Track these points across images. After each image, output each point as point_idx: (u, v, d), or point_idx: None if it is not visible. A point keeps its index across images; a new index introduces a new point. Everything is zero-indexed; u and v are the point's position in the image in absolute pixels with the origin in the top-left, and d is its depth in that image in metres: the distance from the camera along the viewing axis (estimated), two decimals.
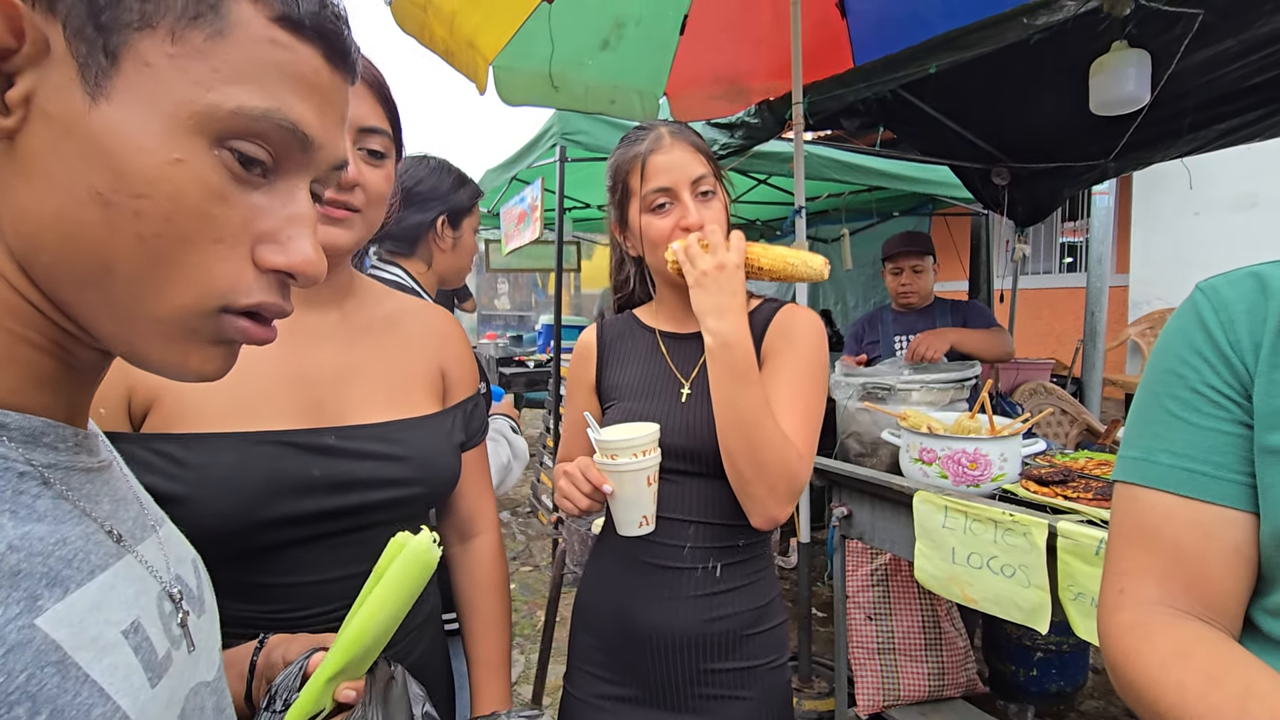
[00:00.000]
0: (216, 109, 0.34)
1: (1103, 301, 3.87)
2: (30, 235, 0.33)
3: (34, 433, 0.35)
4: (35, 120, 0.32)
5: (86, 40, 0.32)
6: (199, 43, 0.34)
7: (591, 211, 5.02)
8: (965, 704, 2.21)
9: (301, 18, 0.37)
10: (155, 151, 0.33)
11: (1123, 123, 2.33)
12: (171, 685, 0.39)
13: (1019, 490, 1.53)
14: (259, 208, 0.37)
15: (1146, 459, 0.62)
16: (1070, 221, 5.97)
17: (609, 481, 0.93)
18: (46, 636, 0.31)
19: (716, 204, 1.06)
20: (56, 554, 0.33)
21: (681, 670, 1.02)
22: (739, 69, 2.72)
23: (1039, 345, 5.49)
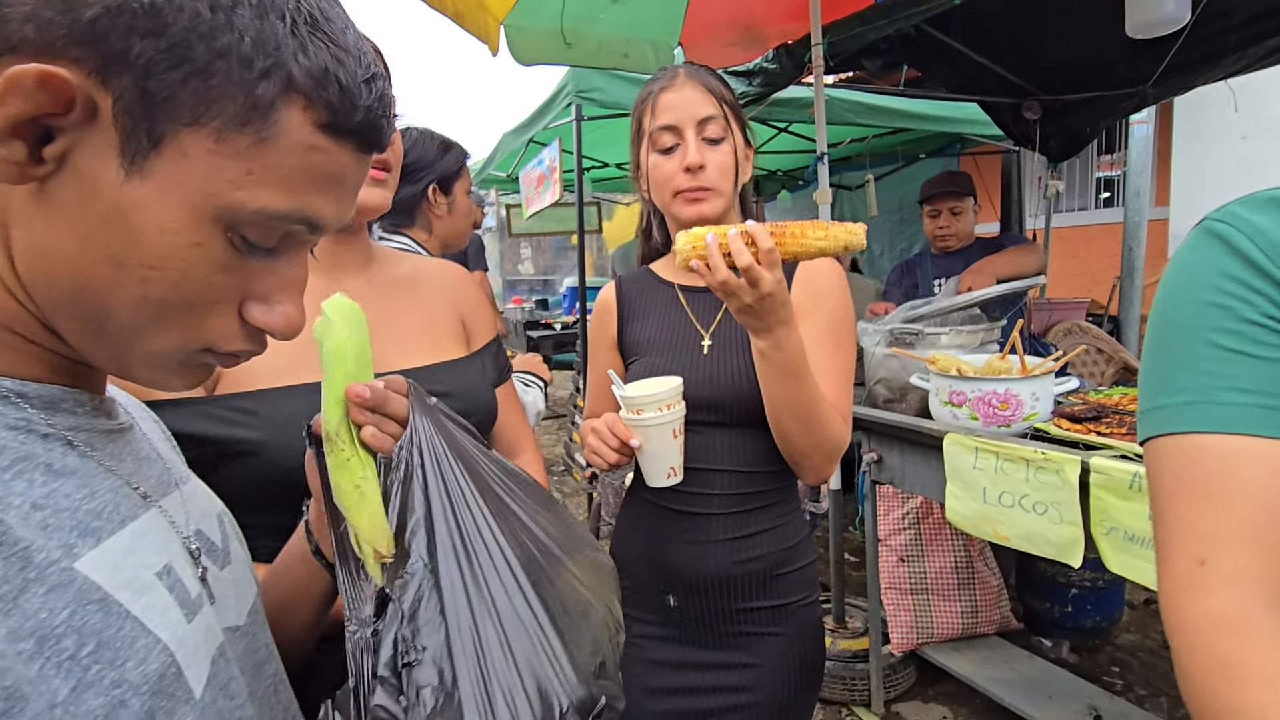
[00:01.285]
0: (241, 207, 0.37)
1: (1141, 236, 3.73)
2: (45, 272, 0.36)
3: (53, 400, 0.38)
4: (68, 174, 0.34)
5: (133, 119, 0.34)
6: (241, 146, 0.36)
7: (610, 171, 4.97)
8: (999, 639, 2.25)
9: (345, 125, 0.39)
10: (175, 234, 0.35)
11: (1162, 45, 2.21)
12: (207, 623, 0.42)
13: (1050, 428, 1.52)
14: (256, 272, 0.40)
15: (1204, 400, 0.53)
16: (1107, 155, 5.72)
17: (636, 436, 0.96)
18: (86, 578, 0.34)
19: (725, 148, 1.04)
20: (85, 507, 0.36)
21: (714, 609, 1.06)
22: (754, 13, 2.64)
23: (1075, 284, 5.33)
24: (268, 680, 0.48)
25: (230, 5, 0.34)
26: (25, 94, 0.32)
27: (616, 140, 4.06)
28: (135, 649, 0.35)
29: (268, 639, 0.51)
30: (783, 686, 1.07)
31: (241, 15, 0.34)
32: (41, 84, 0.32)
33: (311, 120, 0.38)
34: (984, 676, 2.05)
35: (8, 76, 0.31)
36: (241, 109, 0.35)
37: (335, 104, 0.38)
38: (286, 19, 0.36)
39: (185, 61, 0.34)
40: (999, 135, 3.49)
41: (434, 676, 0.39)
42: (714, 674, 1.06)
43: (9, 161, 0.33)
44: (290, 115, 0.37)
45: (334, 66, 0.38)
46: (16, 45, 0.32)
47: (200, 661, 0.40)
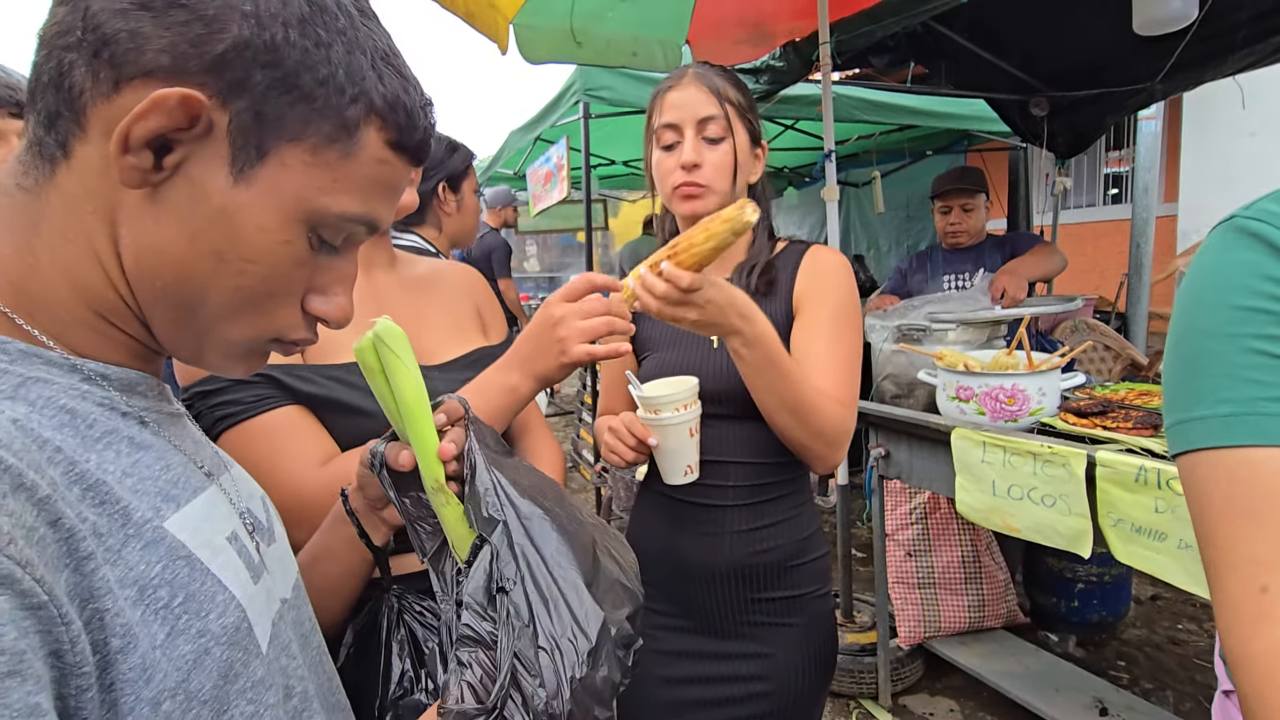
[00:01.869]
0: (326, 210, 0.43)
1: (1149, 233, 3.72)
2: (151, 266, 0.40)
3: (130, 382, 0.43)
4: (180, 180, 0.39)
5: (245, 135, 0.40)
6: (331, 158, 0.42)
7: (617, 168, 4.99)
8: (1006, 633, 2.27)
9: (408, 143, 0.46)
10: (271, 233, 0.41)
11: (1170, 42, 2.22)
12: (267, 587, 0.46)
13: (1057, 423, 1.54)
14: (321, 267, 0.45)
15: (1251, 412, 0.48)
16: (1114, 151, 5.71)
17: (653, 435, 0.97)
18: (174, 537, 0.39)
19: (724, 148, 1.05)
20: (164, 477, 0.41)
21: (729, 600, 1.08)
22: (762, 10, 2.65)
23: (1082, 281, 5.33)
24: (313, 651, 0.51)
25: (329, 43, 0.41)
26: (166, 112, 0.37)
27: (623, 138, 4.08)
28: (215, 602, 0.39)
29: (310, 613, 0.54)
30: (796, 677, 1.08)
31: (337, 51, 0.41)
32: (181, 104, 0.37)
33: (383, 138, 0.44)
34: (991, 670, 2.07)
35: (155, 98, 0.36)
36: (334, 128, 0.42)
37: (402, 125, 0.45)
38: (368, 54, 0.43)
39: (294, 89, 0.40)
40: (1006, 132, 3.49)
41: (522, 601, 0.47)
42: (728, 664, 1.08)
43: (136, 169, 0.38)
44: (369, 134, 0.44)
45: (403, 95, 0.45)
46: (151, 70, 0.37)
47: (264, 620, 0.44)
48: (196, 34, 0.38)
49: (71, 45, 0.37)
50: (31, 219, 0.39)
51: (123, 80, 0.37)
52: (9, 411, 0.34)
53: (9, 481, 0.31)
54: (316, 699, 0.48)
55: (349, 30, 0.42)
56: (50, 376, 0.38)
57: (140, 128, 0.37)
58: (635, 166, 5.07)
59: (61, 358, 0.39)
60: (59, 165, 0.39)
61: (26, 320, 0.39)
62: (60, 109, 0.38)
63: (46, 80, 0.38)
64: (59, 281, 0.40)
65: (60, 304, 0.40)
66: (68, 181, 0.39)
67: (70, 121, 0.38)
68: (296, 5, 0.40)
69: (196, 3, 0.38)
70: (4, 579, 0.28)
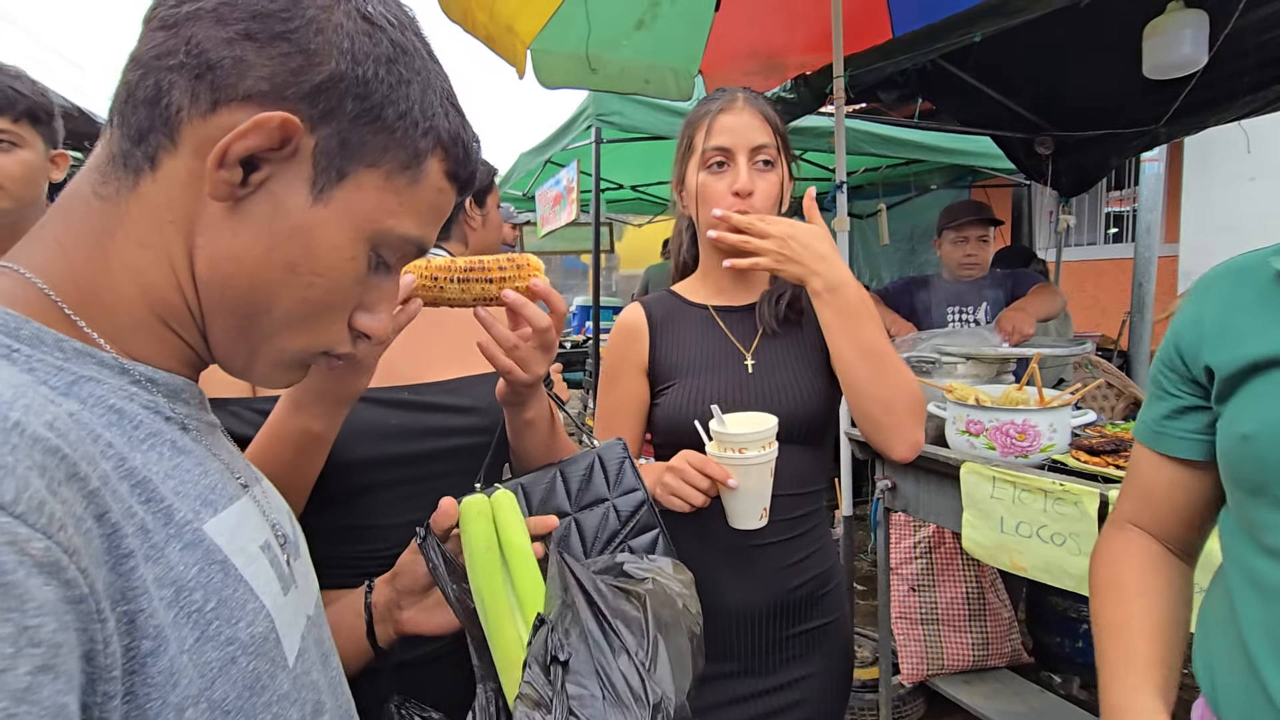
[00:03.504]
0: (391, 231, 0.46)
1: (1151, 272, 3.75)
2: (225, 274, 0.42)
3: (175, 389, 0.44)
4: (262, 195, 0.42)
5: (329, 158, 0.43)
6: (400, 184, 0.46)
7: (624, 193, 5.03)
8: (1010, 673, 2.23)
9: (462, 174, 0.50)
10: (342, 250, 0.44)
11: (1175, 86, 2.25)
12: (295, 602, 0.46)
13: (1069, 460, 1.53)
14: (372, 285, 0.48)
15: (1146, 423, 0.79)
16: (1116, 191, 5.78)
17: (734, 475, 0.90)
18: (211, 540, 0.39)
19: (773, 177, 1.05)
20: (203, 481, 0.41)
21: (767, 639, 1.05)
22: (775, 44, 2.70)
23: (1083, 319, 5.35)
24: (333, 672, 0.50)
25: (408, 80, 0.45)
26: (265, 133, 0.40)
27: (631, 163, 4.12)
28: (246, 611, 0.39)
29: (329, 634, 0.53)
30: (826, 700, 1.08)
31: (415, 89, 0.45)
32: (280, 127, 0.40)
33: (443, 169, 0.48)
34: (995, 710, 2.03)
35: (258, 120, 0.39)
36: (406, 157, 0.46)
37: (460, 159, 0.49)
38: (437, 93, 0.47)
39: (378, 120, 0.44)
40: (1010, 169, 3.54)
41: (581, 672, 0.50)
42: (765, 700, 1.06)
43: (227, 183, 0.40)
44: (433, 164, 0.48)
45: (462, 131, 0.49)
46: (251, 95, 0.40)
47: (292, 634, 0.43)
48: (297, 65, 0.41)
49: (173, 67, 0.40)
50: (107, 226, 0.41)
51: (221, 102, 0.40)
52: (65, 406, 0.34)
53: (64, 470, 0.30)
54: None
55: (423, 71, 0.46)
56: (101, 376, 0.39)
57: (239, 145, 0.39)
58: (642, 192, 5.12)
59: (113, 359, 0.40)
60: (144, 176, 0.41)
61: (86, 322, 0.40)
62: (153, 124, 0.40)
63: (141, 98, 0.40)
64: (128, 286, 0.41)
65: (124, 308, 0.41)
66: (151, 192, 0.41)
67: (162, 136, 0.40)
68: (385, 46, 0.44)
69: (300, 37, 0.41)
70: (51, 566, 0.28)
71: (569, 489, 0.81)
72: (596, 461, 0.83)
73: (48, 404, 0.32)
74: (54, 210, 0.42)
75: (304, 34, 0.41)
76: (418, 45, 0.46)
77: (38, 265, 0.40)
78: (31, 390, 0.32)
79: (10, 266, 0.40)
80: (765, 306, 1.09)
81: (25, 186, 1.21)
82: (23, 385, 0.32)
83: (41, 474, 0.29)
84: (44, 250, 0.40)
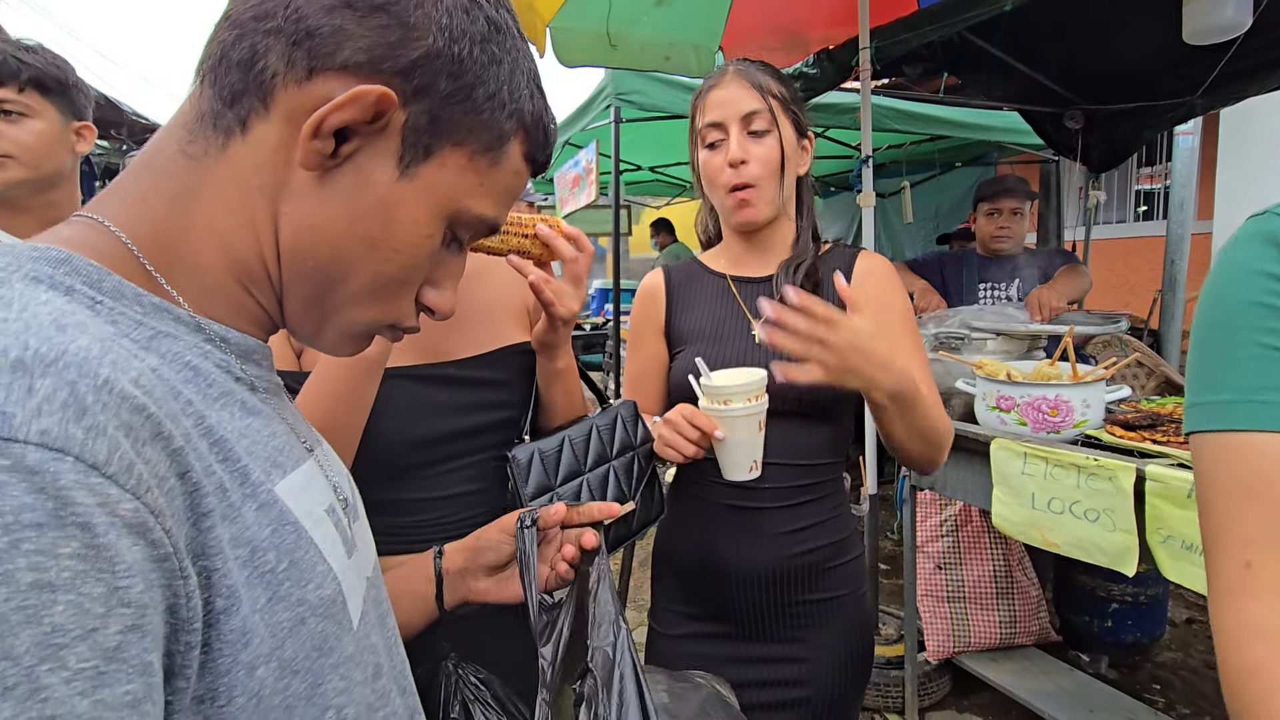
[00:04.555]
0: (468, 211, 0.46)
1: (1184, 249, 3.66)
2: (310, 243, 0.42)
3: (248, 349, 0.43)
4: (350, 167, 0.42)
5: (417, 135, 0.42)
6: (482, 165, 0.46)
7: (643, 174, 5.00)
8: (1038, 651, 2.22)
9: (540, 158, 0.50)
10: (421, 225, 0.44)
11: (1213, 54, 2.18)
12: (358, 563, 0.46)
13: (1103, 435, 1.51)
14: (441, 261, 0.48)
15: (1249, 400, 0.52)
16: (1146, 167, 5.63)
17: (720, 427, 0.93)
18: (283, 502, 0.39)
19: (769, 141, 1.03)
20: (272, 443, 0.41)
21: (768, 604, 1.06)
22: (797, 18, 2.65)
23: (1111, 298, 5.25)
24: (390, 632, 0.50)
25: (500, 60, 0.44)
26: (362, 107, 0.39)
27: (650, 144, 4.09)
28: (316, 573, 0.39)
29: (386, 595, 0.53)
30: (834, 680, 1.07)
31: (504, 69, 0.45)
32: (377, 102, 0.39)
33: (523, 151, 0.48)
34: (1023, 688, 2.02)
35: (356, 92, 0.39)
36: (491, 138, 0.45)
37: (539, 142, 0.49)
38: (525, 74, 0.47)
39: (468, 100, 0.43)
40: (1038, 144, 3.46)
41: None
42: (767, 668, 1.07)
43: (319, 153, 0.40)
44: (514, 146, 0.47)
45: (545, 115, 0.49)
46: (347, 66, 0.40)
47: (356, 596, 0.44)
48: (396, 38, 0.40)
49: (270, 31, 0.39)
50: (191, 186, 0.41)
51: (317, 71, 0.40)
52: (148, 361, 0.34)
53: (149, 429, 0.31)
54: (393, 683, 0.47)
55: (513, 50, 0.46)
56: (178, 333, 0.39)
57: (335, 117, 0.39)
58: (661, 173, 5.08)
59: (189, 316, 0.40)
60: (234, 139, 0.41)
61: (165, 278, 0.40)
62: (247, 87, 0.40)
63: (235, 59, 0.40)
64: (210, 247, 0.41)
65: (204, 268, 0.41)
66: (241, 155, 0.41)
67: (255, 99, 0.40)
68: (481, 23, 0.43)
69: (400, 9, 0.40)
70: (139, 527, 0.28)
71: (603, 439, 0.89)
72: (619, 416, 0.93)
73: (132, 359, 0.33)
74: (137, 166, 0.42)
75: (404, 7, 0.41)
76: (510, 23, 0.46)
77: (121, 218, 0.40)
78: (117, 344, 0.32)
79: (93, 217, 0.40)
80: (782, 276, 1.09)
81: (41, 156, 1.20)
82: (109, 339, 0.32)
83: (129, 433, 0.29)
84: (127, 204, 0.40)
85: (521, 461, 0.80)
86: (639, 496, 0.89)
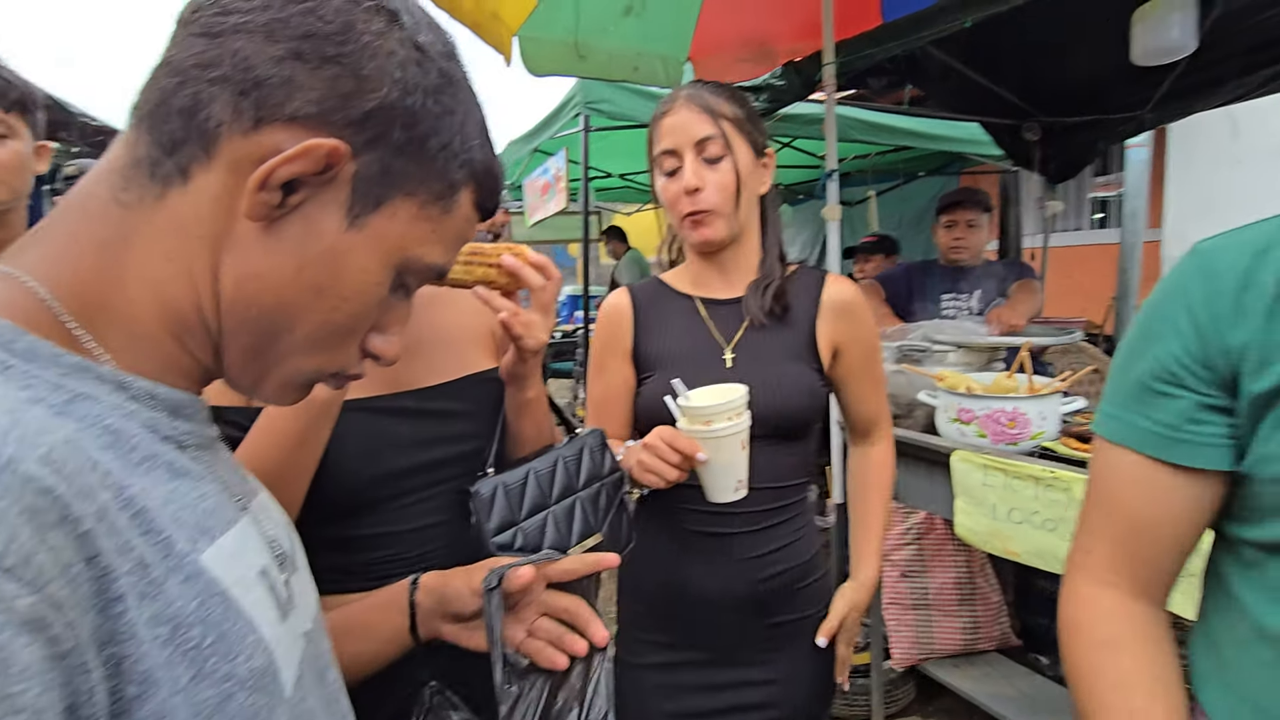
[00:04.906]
0: (419, 259, 0.46)
1: (1136, 257, 3.78)
2: (253, 292, 0.41)
3: (177, 404, 0.41)
4: (296, 216, 0.41)
5: (368, 185, 0.42)
6: (434, 214, 0.45)
7: (613, 181, 5.00)
8: (999, 656, 2.26)
9: (489, 205, 0.50)
10: (370, 274, 0.44)
11: (1162, 72, 2.26)
12: (292, 625, 0.44)
13: (1059, 447, 1.54)
14: (389, 307, 0.47)
15: (1118, 417, 0.63)
16: (1102, 176, 5.81)
17: (703, 449, 0.90)
18: (210, 572, 0.37)
19: (724, 166, 1.02)
20: (200, 506, 0.39)
21: (740, 629, 1.05)
22: (765, 30, 2.67)
23: (1070, 304, 5.39)
24: (330, 686, 0.49)
25: (452, 110, 0.45)
26: (312, 160, 0.39)
27: (620, 151, 4.09)
28: (245, 644, 0.37)
29: (328, 645, 0.52)
30: (803, 698, 1.07)
31: (457, 119, 0.45)
32: (327, 155, 0.39)
33: (473, 200, 0.48)
34: (985, 693, 2.06)
35: (308, 146, 0.38)
36: (443, 188, 0.45)
37: (488, 190, 0.49)
38: (475, 124, 0.47)
39: (421, 150, 0.43)
40: (998, 155, 3.54)
41: None
42: (737, 693, 1.06)
43: (265, 204, 0.39)
44: (465, 195, 0.47)
45: (493, 164, 0.49)
46: (295, 116, 0.39)
47: (291, 661, 0.42)
48: (348, 90, 0.40)
49: (215, 80, 0.38)
50: (126, 234, 0.39)
51: (265, 121, 0.39)
52: (61, 431, 0.32)
53: (56, 512, 0.29)
54: None
55: (465, 101, 0.46)
56: (98, 394, 0.37)
57: (284, 170, 0.38)
58: (631, 180, 5.09)
59: (111, 374, 0.38)
60: (173, 187, 0.39)
61: (92, 332, 0.38)
62: (188, 135, 0.39)
63: (176, 106, 0.39)
64: (143, 298, 0.40)
65: (136, 319, 0.40)
66: (180, 204, 0.39)
67: (197, 148, 0.39)
68: (434, 75, 0.43)
69: (353, 62, 0.40)
70: (36, 623, 0.26)
71: (569, 470, 0.87)
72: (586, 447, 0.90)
73: (43, 431, 0.31)
74: (63, 210, 0.40)
75: (357, 59, 0.40)
76: (461, 75, 0.46)
77: (42, 270, 0.38)
78: (28, 414, 0.31)
79: (9, 271, 0.37)
80: (751, 299, 1.08)
81: (18, 177, 1.17)
82: (19, 408, 0.30)
83: (31, 519, 0.28)
84: (52, 253, 0.39)
85: (484, 496, 0.77)
86: (607, 528, 0.87)
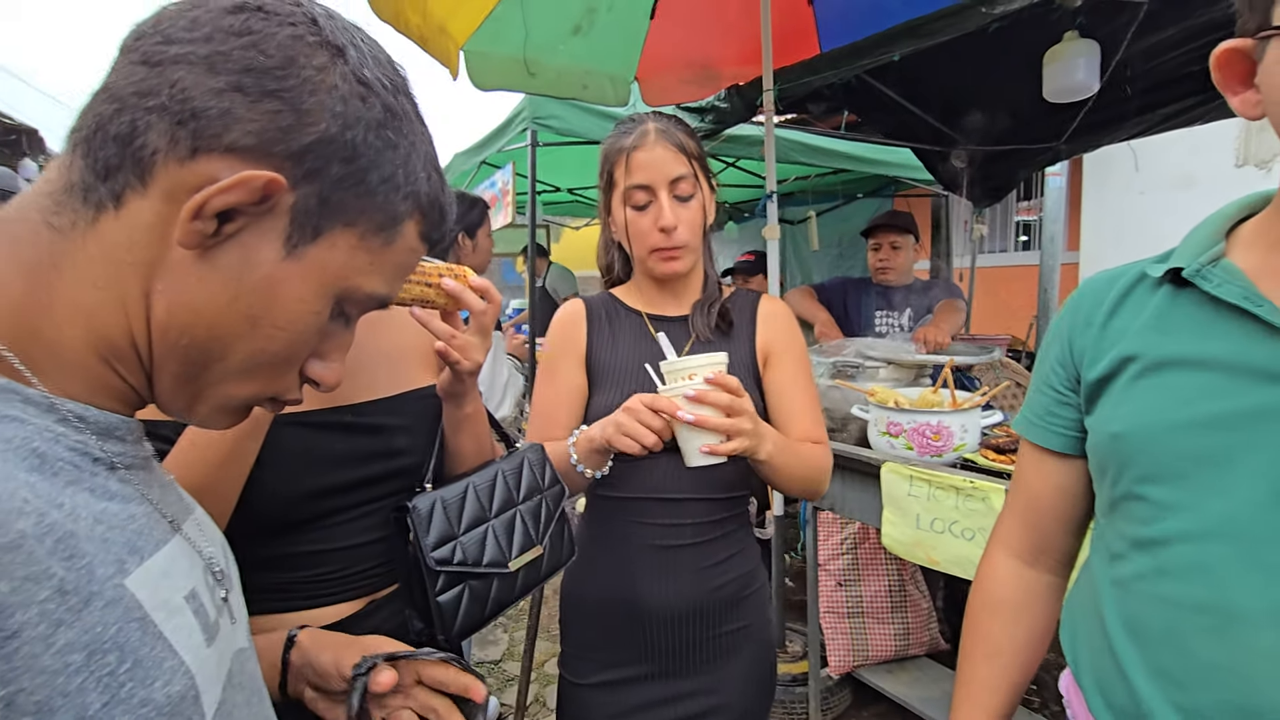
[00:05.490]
0: (359, 289, 0.46)
1: (1055, 279, 4.04)
2: (184, 321, 0.41)
3: (108, 426, 0.41)
4: (232, 246, 0.41)
5: (306, 216, 0.42)
6: (375, 245, 0.46)
7: (561, 195, 5.01)
8: (929, 661, 2.36)
9: (435, 235, 0.51)
10: (307, 304, 0.44)
11: (1073, 107, 2.44)
12: (220, 648, 0.44)
13: (978, 459, 1.63)
14: (328, 334, 0.47)
15: (1027, 417, 0.80)
16: (1025, 201, 6.16)
17: (684, 408, 0.89)
18: (133, 595, 0.37)
19: (694, 204, 1.07)
20: (129, 527, 0.39)
21: (686, 640, 1.08)
22: (709, 54, 2.75)
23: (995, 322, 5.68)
24: (257, 707, 0.49)
25: (395, 144, 0.45)
26: (248, 190, 0.39)
27: (570, 166, 4.11)
28: (163, 669, 0.37)
29: (258, 667, 0.51)
30: (744, 704, 1.11)
31: (400, 153, 0.45)
32: (264, 187, 0.39)
33: (418, 231, 0.49)
34: (916, 697, 2.14)
35: (243, 177, 0.38)
36: (384, 219, 0.45)
37: (435, 221, 0.50)
38: (421, 157, 0.47)
39: (361, 183, 0.43)
40: (930, 180, 3.72)
41: None
42: (682, 704, 1.09)
43: (199, 233, 0.39)
44: (409, 226, 0.48)
45: (440, 195, 0.50)
46: (233, 147, 0.39)
47: (214, 686, 0.42)
48: (287, 123, 0.40)
49: (153, 108, 0.38)
50: (54, 258, 0.39)
51: (201, 151, 0.39)
52: None
53: None
54: None
55: (410, 134, 0.46)
56: (26, 416, 0.37)
57: (219, 200, 0.38)
58: (579, 194, 5.11)
59: (41, 396, 0.38)
60: (105, 213, 0.39)
61: (19, 356, 0.38)
62: (123, 162, 0.39)
63: (113, 133, 0.39)
64: (72, 324, 0.39)
65: (64, 344, 0.39)
66: (112, 231, 0.39)
67: (132, 175, 0.39)
68: (378, 110, 0.43)
69: (294, 96, 0.40)
70: None
71: (509, 484, 0.88)
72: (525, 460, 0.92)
73: None
74: None
75: (298, 93, 0.40)
76: (408, 109, 0.46)
77: None
78: None
79: None
80: (698, 317, 1.13)
81: None
82: None
83: None
84: None
85: (422, 512, 0.77)
86: (548, 541, 0.88)
